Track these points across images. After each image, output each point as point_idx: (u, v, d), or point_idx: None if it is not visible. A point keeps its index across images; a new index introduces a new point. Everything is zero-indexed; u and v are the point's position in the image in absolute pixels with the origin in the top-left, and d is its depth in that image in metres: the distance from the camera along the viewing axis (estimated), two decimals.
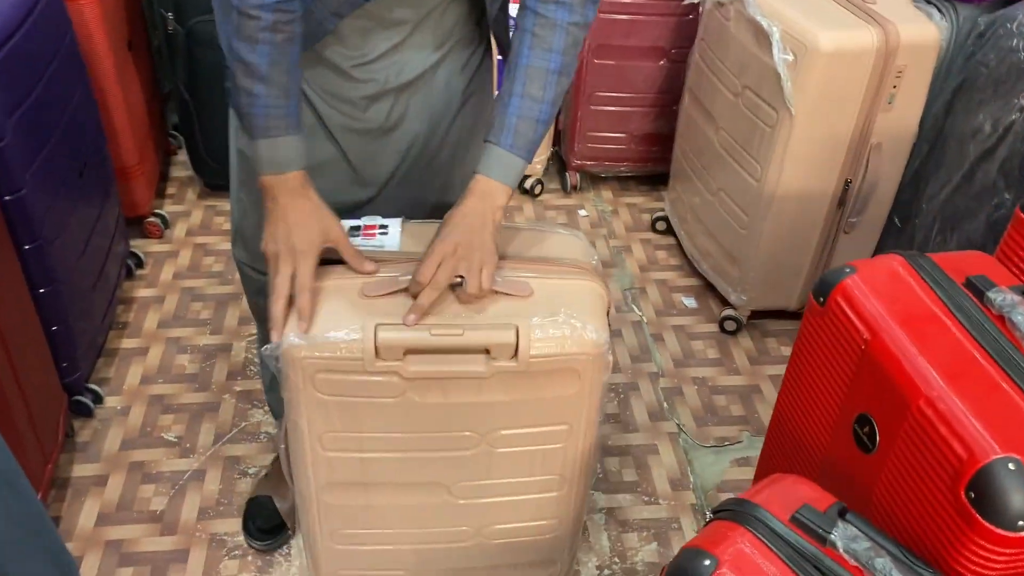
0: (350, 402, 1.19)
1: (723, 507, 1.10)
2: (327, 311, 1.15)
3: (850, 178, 1.96)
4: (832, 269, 1.29)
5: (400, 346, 1.13)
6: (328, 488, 1.30)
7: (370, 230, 1.26)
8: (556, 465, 1.32)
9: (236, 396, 2.01)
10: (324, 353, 1.13)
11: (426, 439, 1.25)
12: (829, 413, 1.28)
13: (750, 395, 2.08)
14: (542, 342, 1.15)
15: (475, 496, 1.33)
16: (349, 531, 1.38)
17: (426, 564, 1.44)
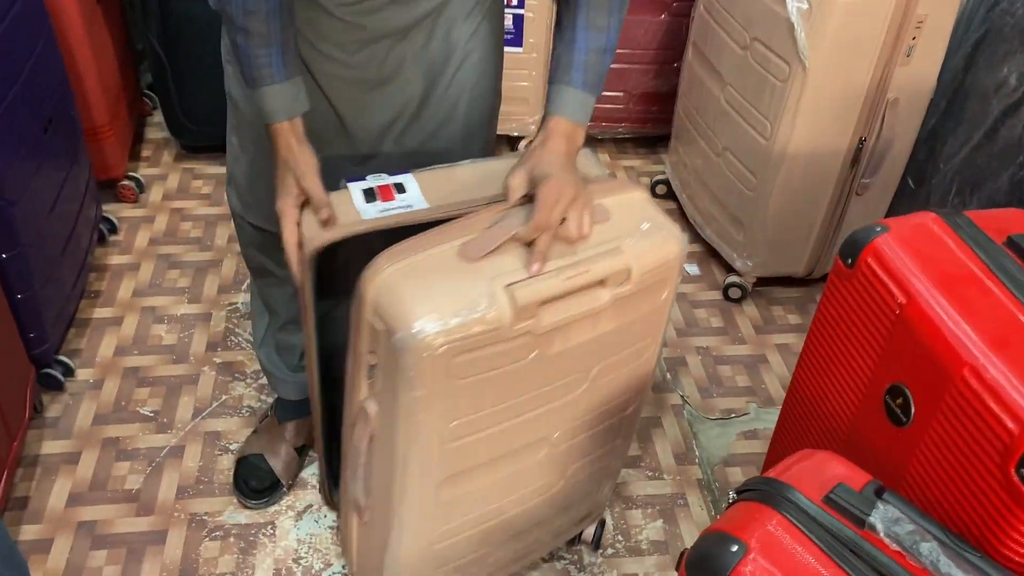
0: (481, 379, 1.08)
1: (748, 487, 1.01)
2: (440, 289, 1.02)
3: (864, 136, 1.86)
4: (861, 228, 1.19)
5: (536, 300, 1.05)
6: (444, 485, 1.17)
7: (386, 192, 1.16)
8: (634, 384, 1.30)
9: (216, 368, 1.90)
10: (462, 334, 1.01)
11: (542, 395, 1.17)
12: (857, 384, 1.19)
13: (756, 365, 1.99)
14: (645, 257, 1.13)
15: (568, 440, 1.27)
16: (450, 526, 1.25)
17: (515, 531, 1.35)
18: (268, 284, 1.54)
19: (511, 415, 1.15)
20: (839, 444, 1.24)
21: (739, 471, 1.75)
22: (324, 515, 1.63)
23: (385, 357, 1.05)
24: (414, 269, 1.03)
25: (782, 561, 0.90)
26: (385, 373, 1.06)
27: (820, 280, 2.20)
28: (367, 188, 1.16)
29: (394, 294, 1.02)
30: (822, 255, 2.07)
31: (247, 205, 1.42)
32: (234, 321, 2.01)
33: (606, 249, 1.10)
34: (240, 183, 1.41)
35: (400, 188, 1.16)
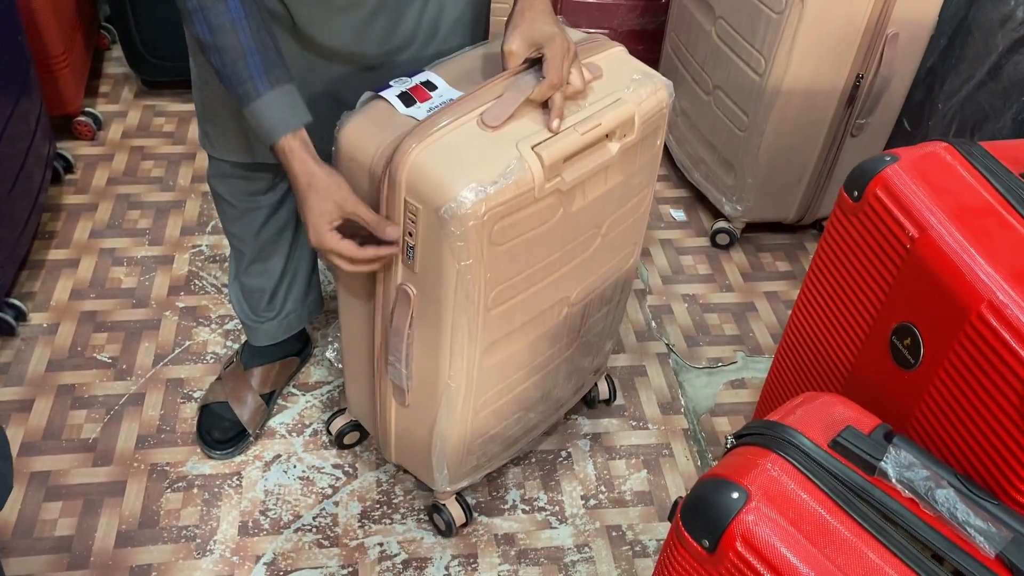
0: (516, 244, 1.12)
1: (748, 430, 0.94)
2: (472, 160, 1.06)
3: (862, 72, 1.77)
4: (868, 159, 1.11)
5: (561, 157, 1.10)
6: (486, 352, 1.21)
7: (421, 92, 1.13)
8: (632, 236, 1.38)
9: (179, 313, 1.80)
10: (501, 199, 1.05)
11: (566, 254, 1.22)
12: (860, 324, 1.12)
13: (744, 313, 1.92)
14: (644, 105, 1.19)
15: (583, 297, 1.34)
16: (490, 393, 1.29)
17: (542, 392, 1.41)
18: (228, 216, 1.44)
19: (540, 278, 1.20)
20: (838, 388, 1.17)
21: (726, 421, 1.69)
22: (293, 465, 1.55)
23: (428, 234, 1.07)
24: (441, 146, 1.05)
25: (786, 508, 0.83)
26: (428, 250, 1.09)
27: (810, 227, 2.13)
28: (400, 93, 1.12)
29: (429, 172, 1.04)
30: (813, 200, 2.00)
31: (206, 135, 1.32)
32: (198, 264, 1.91)
33: (610, 101, 1.16)
34: (200, 112, 1.31)
35: (430, 85, 1.14)
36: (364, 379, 1.36)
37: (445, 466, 1.33)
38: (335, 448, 1.57)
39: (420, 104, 1.11)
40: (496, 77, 1.13)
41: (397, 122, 1.09)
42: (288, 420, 1.62)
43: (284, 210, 1.45)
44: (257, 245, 1.46)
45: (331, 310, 1.82)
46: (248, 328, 1.57)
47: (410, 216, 1.07)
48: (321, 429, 1.61)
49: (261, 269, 1.50)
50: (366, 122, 1.11)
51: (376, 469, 1.55)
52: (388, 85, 1.14)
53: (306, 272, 1.56)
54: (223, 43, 1.01)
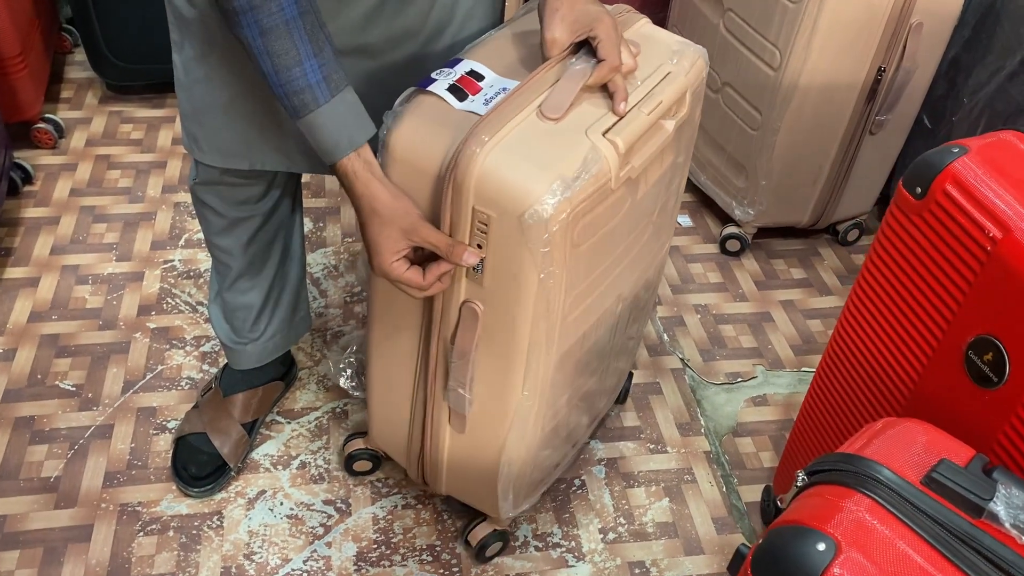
0: (592, 243, 1.03)
1: (822, 465, 0.81)
2: (546, 156, 0.95)
3: (884, 65, 1.66)
4: (933, 151, 0.98)
5: (632, 141, 1.01)
6: (559, 362, 1.11)
7: (470, 84, 1.02)
8: (673, 216, 1.31)
9: (150, 335, 1.64)
10: (583, 195, 0.96)
11: (626, 248, 1.15)
12: (927, 338, 0.99)
13: (760, 324, 1.80)
14: (690, 77, 1.12)
15: (633, 291, 1.26)
16: (556, 406, 1.19)
17: (591, 398, 1.33)
18: (215, 227, 1.29)
19: (607, 275, 1.13)
20: (898, 410, 1.05)
21: (750, 442, 1.56)
22: (280, 502, 1.40)
23: (503, 244, 0.97)
24: (507, 146, 0.95)
25: (883, 560, 0.70)
26: (502, 261, 0.98)
27: (823, 231, 2.02)
28: (449, 86, 1.01)
29: (502, 176, 0.94)
30: (829, 202, 1.88)
31: (193, 138, 1.17)
32: (170, 280, 1.75)
33: (661, 76, 1.09)
34: (186, 112, 1.15)
35: (477, 75, 1.03)
36: (400, 408, 1.23)
37: (511, 491, 1.21)
38: (326, 481, 1.43)
39: (473, 97, 1.00)
40: (545, 64, 1.02)
41: (457, 120, 0.97)
42: (273, 451, 1.47)
43: (276, 217, 1.31)
44: (246, 258, 1.32)
45: (318, 329, 1.67)
46: (229, 351, 1.42)
47: (480, 226, 0.97)
48: (310, 461, 1.46)
49: (249, 285, 1.35)
50: (422, 122, 0.98)
51: (372, 504, 1.40)
52: (430, 78, 1.01)
53: (295, 287, 1.41)
54: (275, 47, 0.88)
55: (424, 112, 0.99)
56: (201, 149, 1.17)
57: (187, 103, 1.14)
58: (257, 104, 1.10)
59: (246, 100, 1.10)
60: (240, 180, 1.22)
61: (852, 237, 2.00)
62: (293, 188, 1.33)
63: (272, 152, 1.16)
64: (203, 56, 1.07)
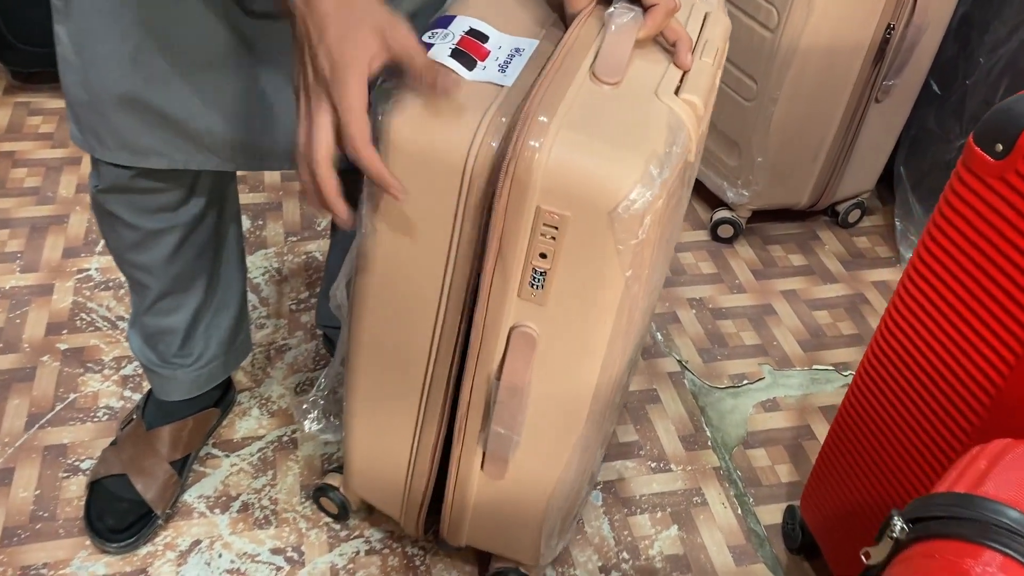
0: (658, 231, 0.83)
1: (927, 511, 0.61)
2: (625, 131, 0.74)
3: (893, 22, 1.48)
4: (1012, 99, 0.79)
5: (706, 97, 0.83)
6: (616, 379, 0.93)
7: (474, 46, 0.80)
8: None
9: (60, 357, 1.40)
10: (671, 173, 0.75)
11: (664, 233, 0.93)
12: (1014, 329, 0.80)
13: (761, 317, 1.61)
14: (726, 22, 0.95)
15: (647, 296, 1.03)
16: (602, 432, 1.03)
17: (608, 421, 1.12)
18: (126, 241, 1.05)
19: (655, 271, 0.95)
20: (976, 417, 0.85)
21: (763, 454, 1.37)
22: (218, 554, 1.16)
23: (581, 248, 0.76)
24: (574, 125, 0.74)
25: None
26: (577, 271, 0.78)
27: (822, 213, 1.84)
28: (452, 51, 0.79)
29: (582, 165, 0.73)
30: (830, 180, 1.70)
31: (91, 130, 0.92)
32: (85, 293, 1.51)
33: (700, 17, 0.92)
34: (75, 98, 0.90)
35: (478, 35, 0.82)
36: (394, 455, 1.01)
37: (556, 533, 1.03)
38: (273, 526, 1.20)
39: (483, 63, 0.79)
40: (579, 18, 0.83)
41: (473, 94, 0.76)
42: (209, 492, 1.23)
43: (203, 228, 1.07)
44: (168, 276, 1.08)
45: (260, 343, 1.44)
46: (155, 377, 1.19)
47: (547, 230, 0.76)
48: (253, 501, 1.23)
49: (173, 305, 1.12)
50: (428, 102, 0.76)
51: (330, 551, 1.18)
52: (423, 43, 0.79)
53: (235, 305, 1.18)
54: None
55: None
56: (104, 145, 0.92)
57: (81, 89, 0.89)
58: (179, 83, 0.87)
59: (165, 77, 0.87)
60: (155, 184, 0.98)
61: (853, 218, 1.82)
62: (222, 191, 1.09)
63: (196, 147, 0.93)
64: (104, 21, 0.84)
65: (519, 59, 0.80)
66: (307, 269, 1.59)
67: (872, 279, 1.71)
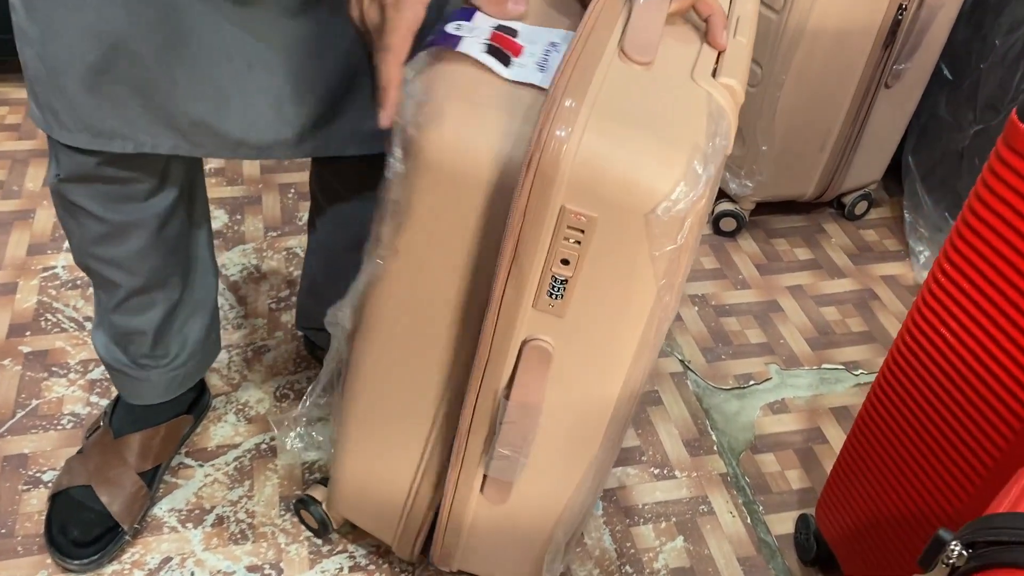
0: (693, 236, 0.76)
1: (986, 534, 0.53)
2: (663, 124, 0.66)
3: (904, 2, 1.40)
4: None
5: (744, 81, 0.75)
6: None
7: (509, 44, 0.71)
8: None
9: (23, 360, 1.31)
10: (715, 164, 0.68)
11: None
12: None
13: (767, 315, 1.53)
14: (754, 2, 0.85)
15: None
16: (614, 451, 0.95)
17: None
18: (91, 234, 0.96)
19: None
20: (1009, 433, 0.78)
21: (772, 459, 1.29)
22: (190, 572, 1.08)
23: (609, 254, 0.69)
24: (605, 111, 0.65)
25: None
26: (603, 279, 0.70)
27: (828, 205, 1.77)
28: (487, 47, 0.70)
29: (610, 158, 0.65)
30: (838, 170, 1.62)
31: (50, 109, 0.83)
32: (51, 292, 1.42)
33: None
34: (33, 74, 0.82)
35: (508, 30, 0.72)
36: (394, 481, 0.93)
37: (559, 556, 0.94)
38: (250, 541, 1.11)
39: (520, 60, 0.70)
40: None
41: (516, 99, 0.68)
42: (180, 504, 1.15)
43: (176, 220, 0.99)
44: (141, 273, 1.00)
45: (237, 344, 1.36)
46: (124, 380, 1.10)
47: (571, 233, 0.68)
48: (229, 514, 1.14)
49: (146, 303, 1.03)
50: (470, 107, 0.67)
51: (311, 568, 1.09)
52: (450, 34, 0.71)
53: (211, 302, 1.10)
54: None
55: (467, 89, 0.68)
56: (63, 126, 0.84)
57: (38, 63, 0.80)
58: (146, 53, 0.79)
59: (129, 48, 0.78)
60: (121, 172, 0.90)
61: (860, 210, 1.75)
62: (192, 181, 1.01)
63: (164, 129, 0.84)
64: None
65: (555, 54, 0.71)
66: (287, 266, 1.51)
67: (881, 273, 1.64)
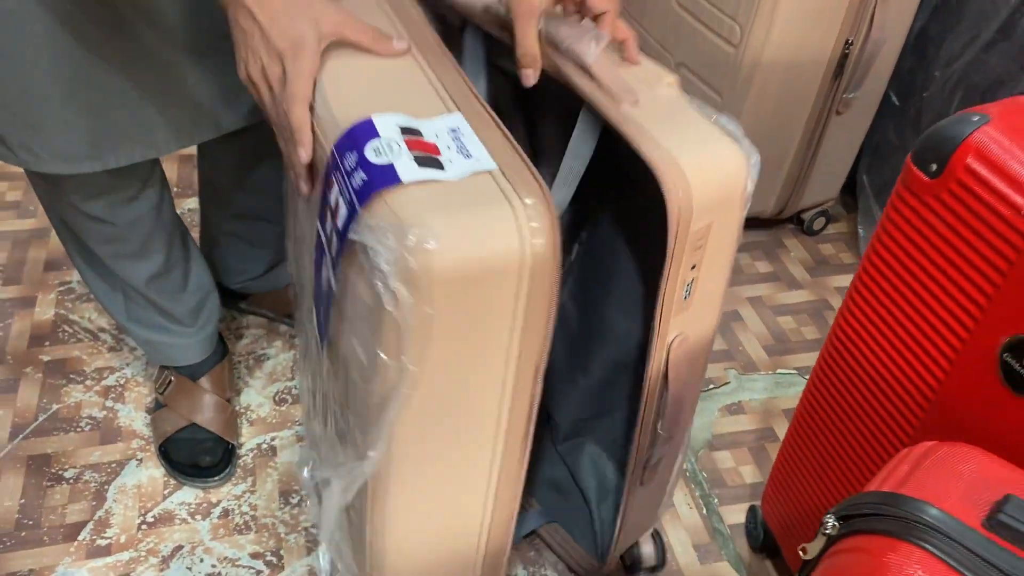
0: None
1: (857, 508, 0.66)
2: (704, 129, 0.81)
3: (851, 38, 1.53)
4: (947, 120, 0.84)
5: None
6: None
7: (426, 147, 0.71)
8: None
9: (43, 369, 1.43)
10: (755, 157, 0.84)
11: None
12: (950, 339, 0.85)
13: (728, 323, 1.66)
14: None
15: None
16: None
17: None
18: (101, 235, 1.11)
19: None
20: (916, 422, 0.91)
21: (728, 456, 1.42)
22: (199, 559, 1.20)
23: (720, 247, 0.80)
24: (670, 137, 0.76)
25: None
26: (714, 262, 0.81)
27: (787, 221, 1.89)
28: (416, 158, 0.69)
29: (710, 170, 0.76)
30: (795, 189, 1.75)
31: (23, 147, 0.95)
32: (67, 305, 1.54)
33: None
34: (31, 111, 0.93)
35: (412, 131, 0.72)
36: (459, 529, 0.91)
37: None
38: (253, 531, 1.23)
39: (445, 157, 0.70)
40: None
41: (477, 192, 0.69)
42: (190, 499, 1.27)
43: (166, 205, 1.16)
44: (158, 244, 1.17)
45: (239, 353, 1.47)
46: (176, 347, 1.29)
47: (697, 243, 0.78)
48: (233, 508, 1.26)
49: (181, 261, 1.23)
50: (453, 223, 0.66)
51: (308, 555, 1.22)
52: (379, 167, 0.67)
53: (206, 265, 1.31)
54: None
55: (432, 203, 0.66)
56: (37, 156, 0.96)
57: (2, 111, 0.92)
58: (109, 79, 0.92)
59: (92, 78, 0.91)
60: (114, 181, 1.05)
61: (818, 226, 1.88)
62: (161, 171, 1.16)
63: (127, 140, 0.98)
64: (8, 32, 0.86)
65: (468, 137, 0.73)
66: None
67: (836, 285, 1.77)
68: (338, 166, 0.71)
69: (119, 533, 1.21)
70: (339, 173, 0.71)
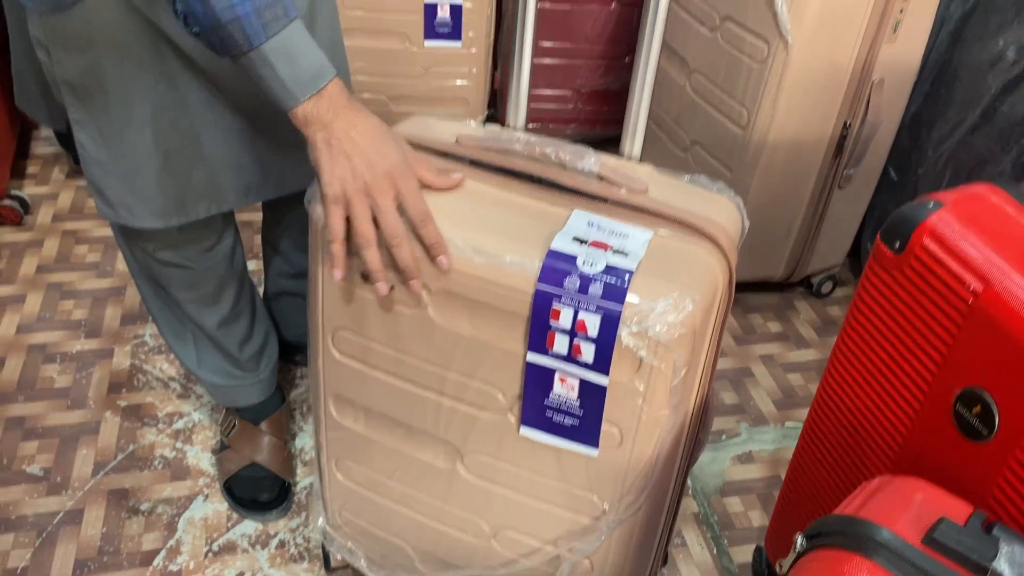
0: None
1: (822, 528, 0.79)
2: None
3: (849, 120, 1.69)
4: (908, 205, 0.99)
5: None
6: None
7: (600, 244, 0.86)
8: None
9: (121, 413, 1.60)
10: None
11: None
12: (913, 392, 0.99)
13: (741, 380, 1.79)
14: None
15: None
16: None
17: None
18: (180, 282, 1.28)
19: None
20: (888, 466, 1.04)
21: (738, 501, 1.54)
22: None
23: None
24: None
25: None
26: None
27: (798, 284, 2.03)
28: (589, 245, 0.87)
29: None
30: (802, 256, 1.90)
31: (124, 207, 1.13)
32: (141, 356, 1.71)
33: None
34: (106, 186, 1.12)
35: (621, 236, 0.90)
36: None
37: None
38: (306, 560, 1.38)
39: (627, 242, 0.87)
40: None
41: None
42: (250, 531, 1.42)
43: (237, 261, 1.33)
44: (229, 296, 1.34)
45: (294, 401, 1.64)
46: (241, 390, 1.45)
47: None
48: (289, 539, 1.41)
49: (243, 312, 1.39)
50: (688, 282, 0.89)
51: None
52: (566, 261, 0.82)
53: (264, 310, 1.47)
54: None
55: (669, 280, 0.87)
56: (133, 213, 1.14)
57: (109, 178, 1.10)
58: (194, 150, 1.10)
59: (182, 150, 1.10)
60: (198, 232, 1.23)
61: (826, 289, 2.01)
62: (235, 229, 1.33)
63: (204, 198, 1.16)
64: (120, 119, 1.05)
65: (603, 221, 0.89)
66: None
67: None
68: (556, 295, 0.82)
69: (188, 560, 1.37)
70: (562, 299, 0.82)
